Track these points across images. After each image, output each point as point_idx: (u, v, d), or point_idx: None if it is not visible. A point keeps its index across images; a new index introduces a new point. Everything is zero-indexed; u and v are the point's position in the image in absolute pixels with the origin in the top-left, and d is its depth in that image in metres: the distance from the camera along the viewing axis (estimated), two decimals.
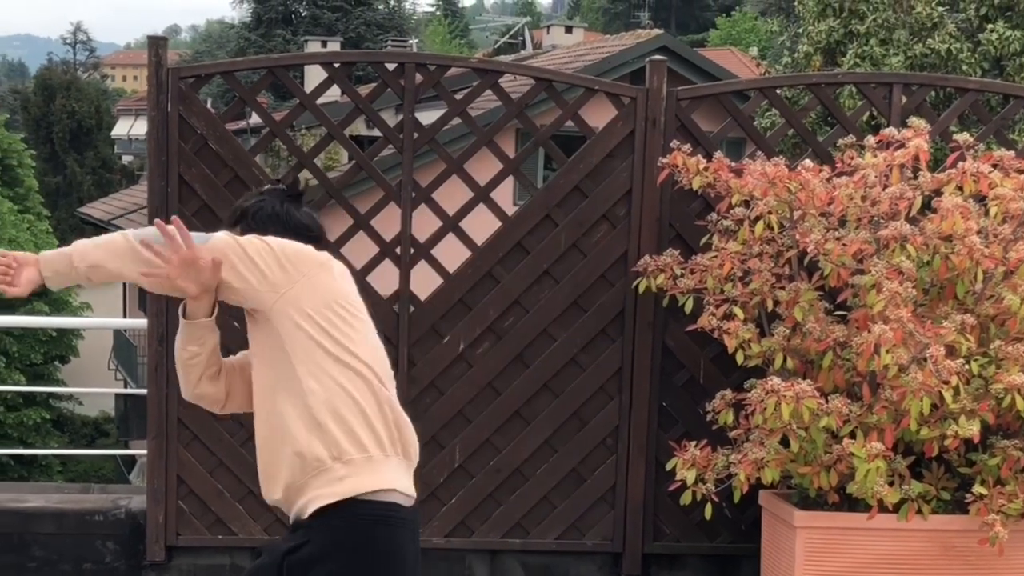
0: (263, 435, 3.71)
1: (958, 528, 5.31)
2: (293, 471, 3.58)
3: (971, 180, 5.42)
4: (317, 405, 3.56)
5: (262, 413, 3.72)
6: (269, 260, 3.56)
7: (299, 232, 3.77)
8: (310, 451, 3.55)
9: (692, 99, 6.33)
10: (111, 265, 3.59)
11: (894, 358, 4.96)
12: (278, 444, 3.63)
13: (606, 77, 16.37)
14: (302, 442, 3.56)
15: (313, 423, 3.56)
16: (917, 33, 14.77)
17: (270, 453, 3.67)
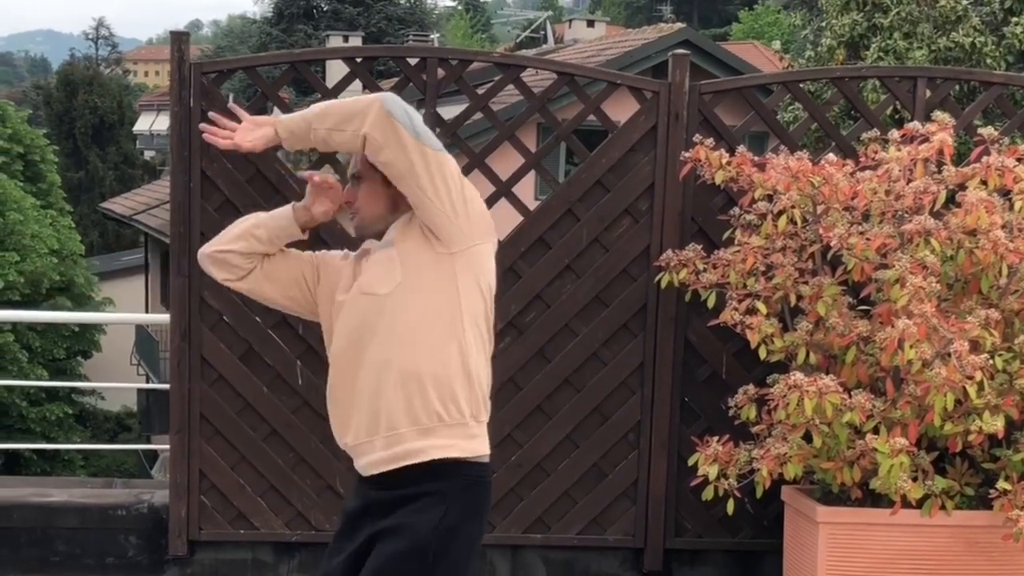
0: (389, 362, 3.64)
1: (982, 524, 5.29)
2: (418, 414, 3.61)
3: (996, 174, 5.39)
4: (471, 362, 3.64)
5: (401, 341, 3.64)
6: (473, 202, 3.67)
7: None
8: (454, 400, 3.62)
9: (715, 93, 6.31)
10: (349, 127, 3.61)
11: (918, 353, 4.93)
12: (410, 380, 3.62)
13: (628, 71, 16.34)
14: (450, 388, 3.62)
15: (465, 376, 3.63)
16: (941, 26, 14.71)
17: (389, 386, 3.64)
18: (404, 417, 3.61)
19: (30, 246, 25.65)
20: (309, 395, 6.15)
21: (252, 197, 6.04)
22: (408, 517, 3.62)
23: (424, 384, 3.61)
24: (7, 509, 6.33)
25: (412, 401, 3.61)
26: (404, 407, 3.61)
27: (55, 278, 26.16)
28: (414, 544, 3.59)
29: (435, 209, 3.59)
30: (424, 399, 3.61)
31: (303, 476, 6.19)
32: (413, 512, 3.62)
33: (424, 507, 3.61)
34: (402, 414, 3.62)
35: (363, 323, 3.67)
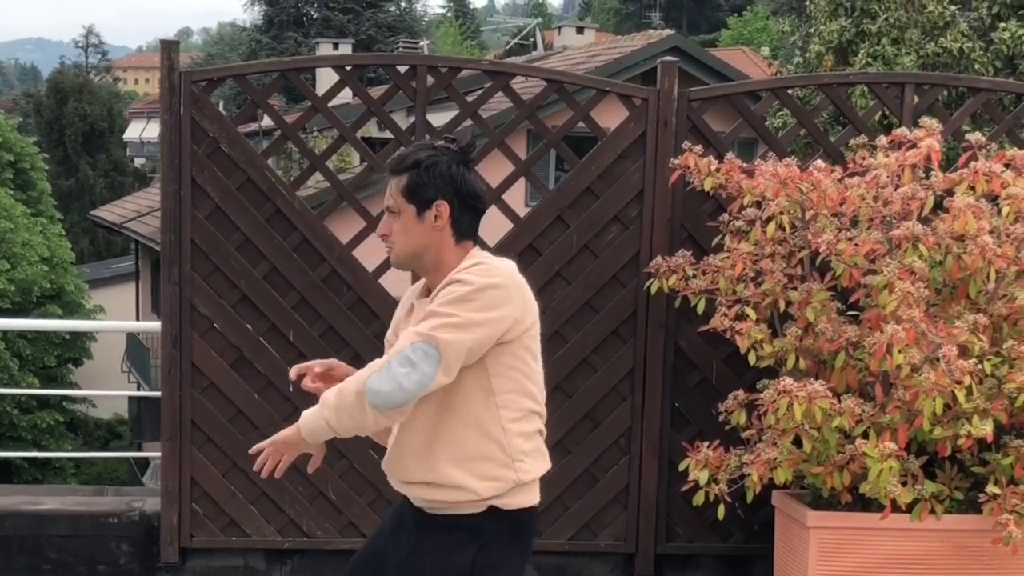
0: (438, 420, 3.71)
1: (971, 528, 5.31)
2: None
3: (983, 180, 5.42)
4: (506, 428, 3.90)
5: (442, 408, 3.70)
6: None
7: (469, 200, 3.71)
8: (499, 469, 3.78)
9: (704, 100, 6.33)
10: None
11: (907, 358, 4.95)
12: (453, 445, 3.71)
13: (617, 78, 16.38)
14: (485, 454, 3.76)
15: (502, 443, 3.86)
16: (929, 32, 14.73)
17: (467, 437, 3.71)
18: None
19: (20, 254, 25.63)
20: (301, 402, 6.13)
21: (242, 205, 6.05)
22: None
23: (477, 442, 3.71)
24: None
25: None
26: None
27: (45, 286, 26.15)
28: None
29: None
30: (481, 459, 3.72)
31: (295, 483, 6.19)
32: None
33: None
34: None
35: None
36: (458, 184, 3.67)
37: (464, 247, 3.72)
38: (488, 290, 3.55)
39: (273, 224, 6.09)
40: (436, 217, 3.63)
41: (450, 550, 3.69)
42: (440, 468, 3.67)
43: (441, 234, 3.67)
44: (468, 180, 3.70)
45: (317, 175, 6.54)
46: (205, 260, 6.08)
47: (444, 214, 3.65)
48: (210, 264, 6.09)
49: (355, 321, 6.09)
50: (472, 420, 3.68)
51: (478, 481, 3.68)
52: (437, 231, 3.66)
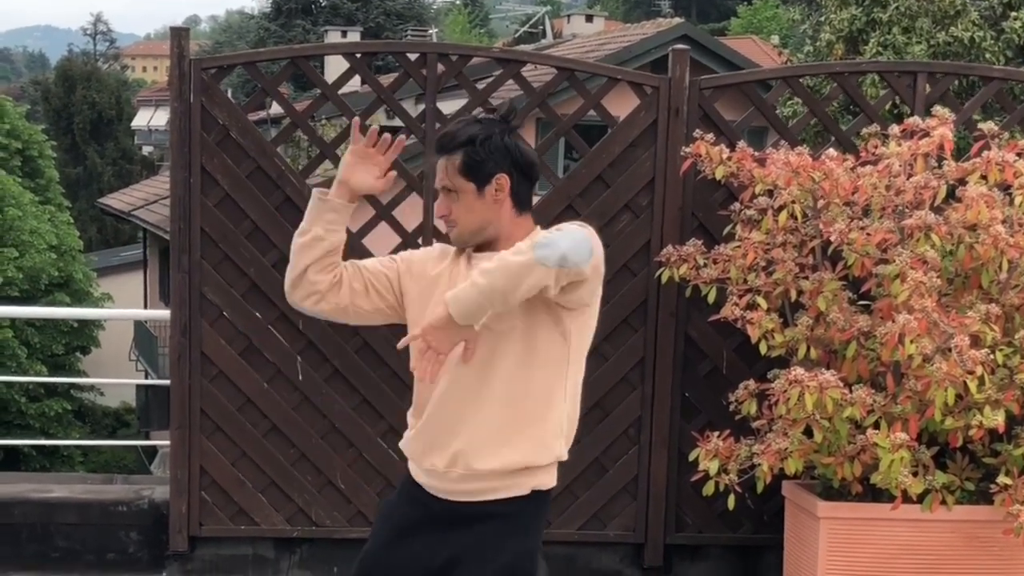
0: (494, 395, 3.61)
1: (982, 519, 5.29)
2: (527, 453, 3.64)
3: (996, 169, 5.40)
4: (561, 406, 3.72)
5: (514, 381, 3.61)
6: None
7: (526, 170, 3.67)
8: (543, 438, 3.67)
9: (715, 88, 6.30)
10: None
11: (918, 348, 4.93)
12: (507, 420, 3.62)
13: (627, 66, 16.31)
14: (541, 428, 3.65)
15: (554, 418, 3.71)
16: (940, 21, 14.69)
17: (506, 421, 3.62)
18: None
19: (28, 242, 25.65)
20: (310, 391, 6.15)
21: (252, 192, 6.04)
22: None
23: (521, 425, 3.62)
24: (7, 505, 6.33)
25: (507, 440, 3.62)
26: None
27: (54, 274, 26.17)
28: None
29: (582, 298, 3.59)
30: (519, 437, 3.63)
31: (304, 472, 6.19)
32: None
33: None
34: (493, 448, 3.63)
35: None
36: (514, 155, 3.64)
37: (526, 218, 3.70)
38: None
39: (283, 212, 6.07)
40: (497, 191, 3.59)
41: (503, 541, 3.67)
42: (522, 448, 3.64)
43: (502, 207, 3.64)
44: (522, 149, 3.68)
45: (326, 163, 6.51)
46: (214, 248, 6.07)
47: (505, 187, 3.62)
48: (219, 252, 6.08)
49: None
50: (547, 389, 3.66)
51: (540, 457, 3.69)
52: (499, 204, 3.63)
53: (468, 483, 3.66)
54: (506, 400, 3.59)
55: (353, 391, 6.16)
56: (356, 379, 6.15)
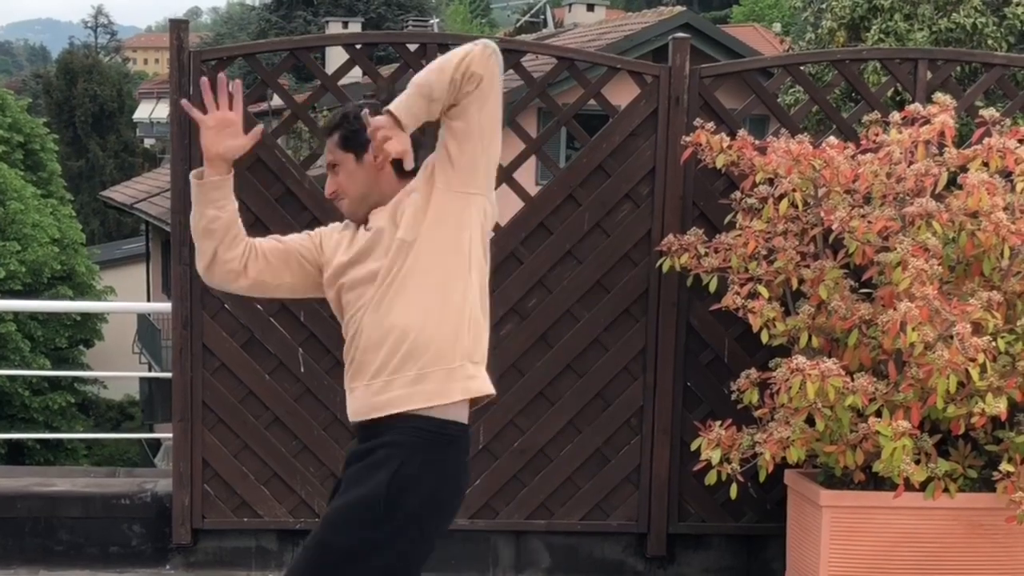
0: (401, 313, 3.67)
1: (985, 506, 5.29)
2: (408, 365, 3.66)
3: (997, 156, 5.39)
4: (471, 308, 3.74)
5: (417, 291, 3.68)
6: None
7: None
8: (451, 348, 3.68)
9: (715, 77, 6.29)
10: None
11: (920, 336, 4.93)
12: (408, 335, 3.66)
13: (628, 55, 16.32)
14: (449, 338, 3.68)
15: (465, 322, 3.71)
16: (942, 8, 14.69)
17: (392, 337, 3.67)
18: (397, 366, 3.66)
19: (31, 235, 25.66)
20: (311, 382, 6.15)
21: (252, 184, 6.03)
22: (365, 470, 3.66)
23: (421, 338, 3.65)
24: (10, 499, 6.34)
25: (408, 353, 3.65)
26: (399, 358, 3.66)
27: (56, 267, 26.17)
28: (366, 494, 3.62)
29: (479, 148, 3.73)
30: (419, 350, 3.65)
31: (306, 463, 6.19)
32: (371, 465, 3.65)
33: (381, 460, 3.64)
34: (396, 363, 3.66)
35: (382, 270, 3.70)
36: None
37: (405, 180, 3.80)
38: None
39: (283, 204, 6.07)
40: (375, 156, 3.65)
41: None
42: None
43: (383, 172, 3.79)
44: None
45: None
46: None
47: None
48: None
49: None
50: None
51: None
52: (377, 170, 3.77)
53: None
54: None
55: None
56: None
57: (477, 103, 3.66)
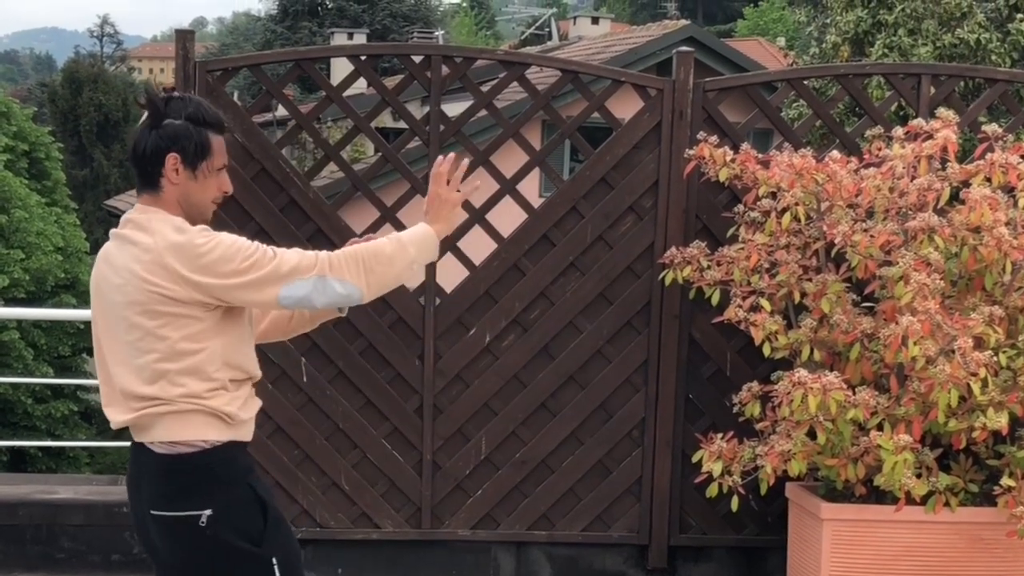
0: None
1: (986, 520, 5.29)
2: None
3: (1000, 171, 5.40)
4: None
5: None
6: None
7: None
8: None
9: (719, 90, 6.31)
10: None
11: (922, 350, 4.94)
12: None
13: (633, 68, 16.34)
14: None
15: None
16: (946, 23, 14.71)
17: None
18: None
19: (35, 243, 25.66)
20: (314, 392, 6.16)
21: (257, 195, 6.05)
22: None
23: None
24: (13, 506, 6.35)
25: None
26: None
27: (60, 275, 26.17)
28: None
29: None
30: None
31: (308, 473, 6.20)
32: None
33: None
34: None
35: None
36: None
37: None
38: None
39: (288, 214, 6.09)
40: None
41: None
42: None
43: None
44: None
45: (331, 165, 6.54)
46: None
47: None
48: None
49: (368, 311, 6.08)
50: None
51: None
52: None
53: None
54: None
55: (357, 392, 6.17)
56: (360, 381, 6.16)
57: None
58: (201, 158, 3.67)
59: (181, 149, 3.64)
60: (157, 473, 3.69)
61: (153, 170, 3.67)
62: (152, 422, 3.67)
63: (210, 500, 3.60)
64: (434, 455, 6.24)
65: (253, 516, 3.66)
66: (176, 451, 3.63)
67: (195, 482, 3.62)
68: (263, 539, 3.65)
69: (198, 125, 3.67)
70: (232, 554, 3.61)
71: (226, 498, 3.62)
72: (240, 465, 3.70)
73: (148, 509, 3.71)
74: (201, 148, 3.67)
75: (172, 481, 3.64)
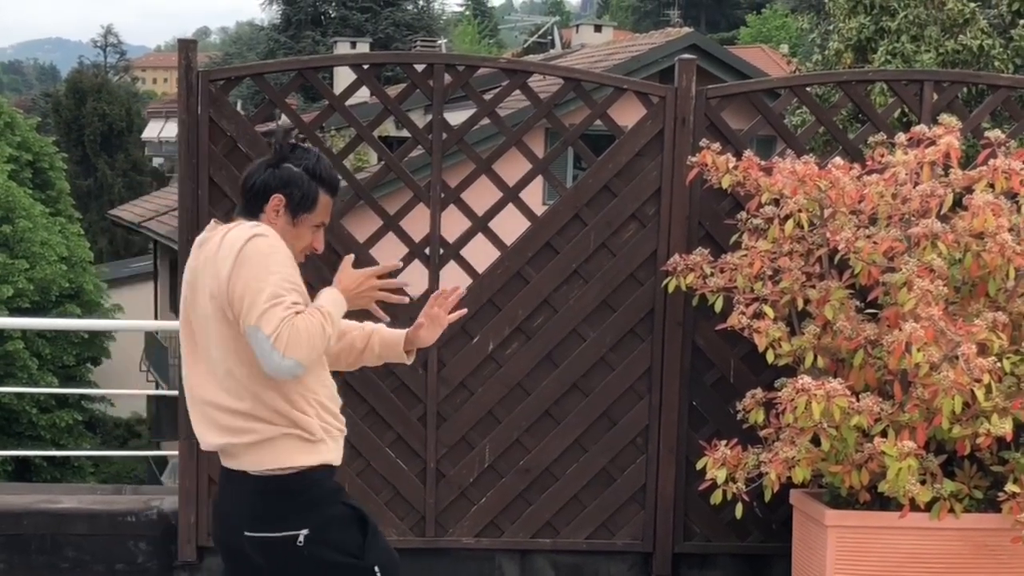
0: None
1: (991, 527, 5.29)
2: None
3: (1003, 177, 5.39)
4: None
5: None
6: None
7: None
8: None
9: (721, 97, 6.31)
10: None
11: (926, 356, 4.93)
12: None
13: (636, 76, 16.36)
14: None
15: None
16: (948, 29, 14.70)
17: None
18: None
19: (39, 253, 25.71)
20: None
21: None
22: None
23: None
24: (17, 516, 6.35)
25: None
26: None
27: (64, 285, 26.23)
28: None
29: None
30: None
31: None
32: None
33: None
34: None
35: None
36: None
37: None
38: None
39: None
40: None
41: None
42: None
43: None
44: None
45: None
46: None
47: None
48: None
49: (371, 319, 6.07)
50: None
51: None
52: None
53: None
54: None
55: (361, 401, 6.17)
56: (363, 389, 6.15)
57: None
58: (304, 209, 3.85)
59: (289, 194, 3.81)
60: (251, 495, 3.80)
61: (256, 204, 3.84)
62: (242, 451, 3.80)
63: (306, 520, 3.74)
64: (438, 463, 6.24)
65: (351, 531, 3.85)
66: (270, 474, 3.75)
67: (290, 504, 3.74)
68: (364, 551, 3.83)
69: (314, 179, 3.83)
70: (333, 569, 3.77)
71: (322, 517, 3.77)
72: (331, 486, 3.87)
73: (243, 531, 3.79)
74: (307, 200, 3.85)
75: (267, 504, 3.75)
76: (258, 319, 3.56)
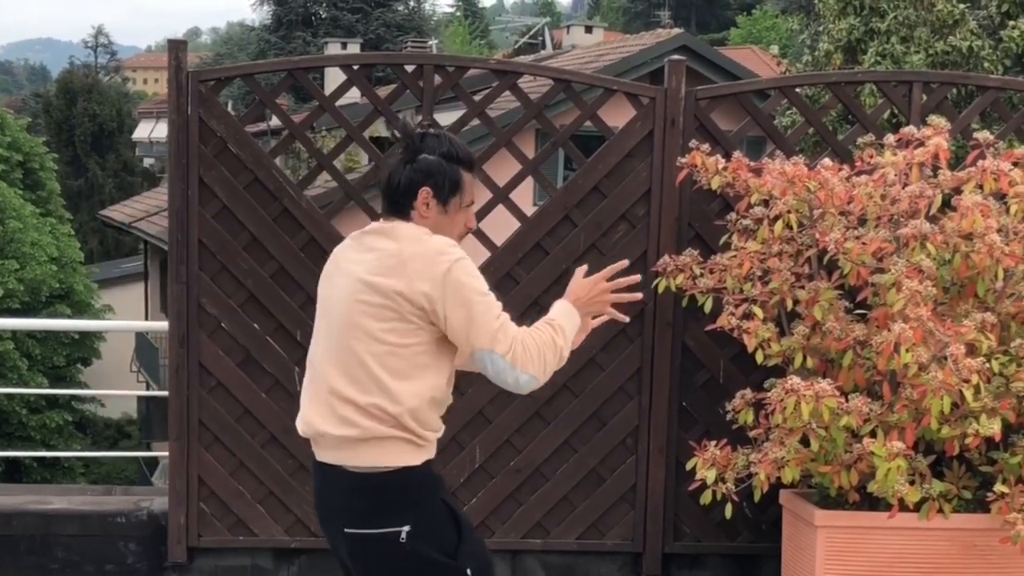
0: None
1: (979, 527, 5.30)
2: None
3: (991, 178, 5.41)
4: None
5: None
6: None
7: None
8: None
9: (711, 99, 6.32)
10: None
11: (914, 357, 4.95)
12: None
13: (626, 77, 16.37)
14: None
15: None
16: (938, 30, 14.73)
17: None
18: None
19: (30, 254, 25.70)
20: None
21: (249, 204, 6.06)
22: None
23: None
24: (7, 516, 6.34)
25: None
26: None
27: (55, 286, 26.21)
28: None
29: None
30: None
31: (302, 482, 6.19)
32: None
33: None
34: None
35: None
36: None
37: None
38: None
39: (280, 223, 6.09)
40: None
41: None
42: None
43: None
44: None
45: (325, 175, 6.55)
46: (213, 259, 6.09)
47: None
48: (217, 264, 6.09)
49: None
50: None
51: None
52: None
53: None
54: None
55: None
56: None
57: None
58: (452, 194, 3.85)
59: (434, 184, 3.82)
60: (349, 492, 3.81)
61: (405, 202, 3.84)
62: (347, 445, 3.80)
63: (408, 516, 3.73)
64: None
65: (448, 530, 3.83)
66: (370, 471, 3.76)
67: (393, 501, 3.74)
68: (458, 551, 3.81)
69: (451, 162, 3.84)
70: (429, 567, 3.75)
71: (423, 513, 3.76)
72: (433, 481, 3.88)
73: (342, 527, 3.81)
74: (453, 184, 3.85)
75: (369, 500, 3.76)
76: (491, 342, 3.72)
